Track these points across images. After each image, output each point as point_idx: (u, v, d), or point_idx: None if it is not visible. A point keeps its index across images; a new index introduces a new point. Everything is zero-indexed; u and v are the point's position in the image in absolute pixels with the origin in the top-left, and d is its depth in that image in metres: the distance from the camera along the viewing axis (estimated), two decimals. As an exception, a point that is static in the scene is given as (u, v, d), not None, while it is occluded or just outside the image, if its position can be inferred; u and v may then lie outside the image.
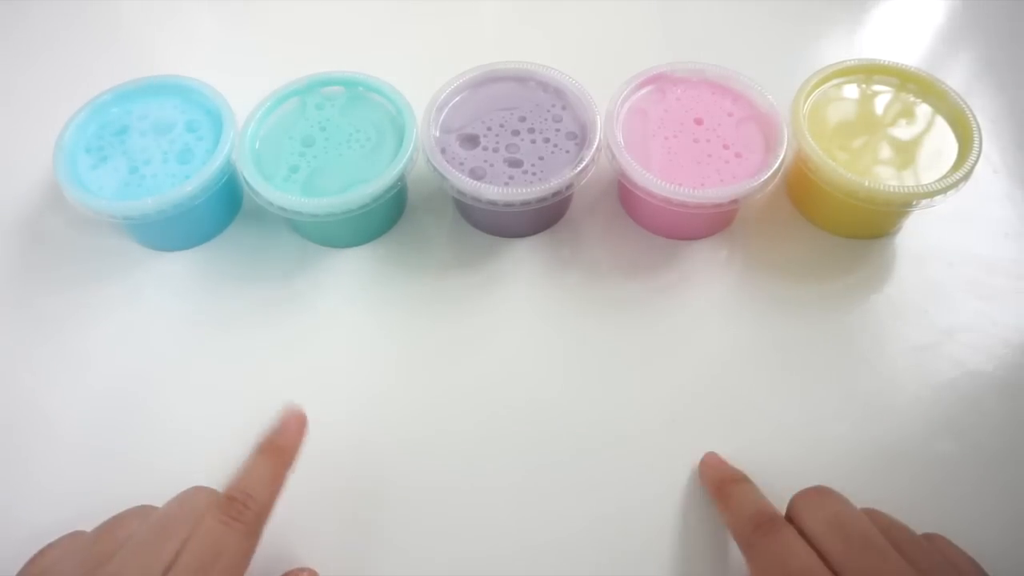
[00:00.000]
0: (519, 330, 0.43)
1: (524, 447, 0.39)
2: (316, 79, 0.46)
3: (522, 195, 0.41)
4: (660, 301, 0.44)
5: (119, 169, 0.44)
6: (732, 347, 0.42)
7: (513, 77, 0.47)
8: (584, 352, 0.42)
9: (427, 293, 0.44)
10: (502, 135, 0.44)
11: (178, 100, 0.47)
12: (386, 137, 0.44)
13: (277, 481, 0.31)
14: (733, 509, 0.33)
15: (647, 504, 0.37)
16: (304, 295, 0.44)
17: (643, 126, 0.45)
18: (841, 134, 0.44)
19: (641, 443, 0.39)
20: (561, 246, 0.46)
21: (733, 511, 0.33)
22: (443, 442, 0.39)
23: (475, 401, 0.40)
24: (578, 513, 0.37)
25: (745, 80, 0.46)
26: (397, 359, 0.42)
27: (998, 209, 0.47)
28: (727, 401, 0.40)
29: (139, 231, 0.45)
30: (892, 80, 0.46)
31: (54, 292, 0.44)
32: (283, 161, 0.44)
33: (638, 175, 0.42)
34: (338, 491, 0.38)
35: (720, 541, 0.36)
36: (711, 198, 0.41)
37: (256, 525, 0.30)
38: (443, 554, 0.36)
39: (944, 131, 0.44)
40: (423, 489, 0.38)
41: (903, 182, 0.42)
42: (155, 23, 0.59)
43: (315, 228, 0.45)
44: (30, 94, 0.54)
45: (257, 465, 0.31)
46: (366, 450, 0.39)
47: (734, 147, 0.44)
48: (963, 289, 0.44)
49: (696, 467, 0.38)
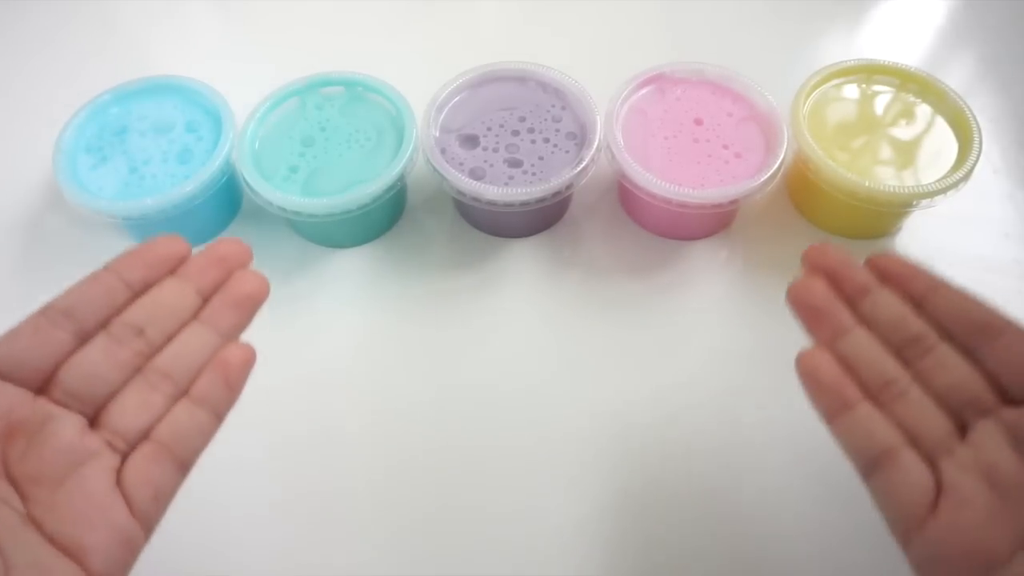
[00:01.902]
0: (519, 330, 0.43)
1: (524, 446, 0.39)
2: (316, 79, 0.46)
3: (522, 195, 0.41)
4: (660, 301, 0.44)
5: (119, 169, 0.44)
6: (732, 347, 0.42)
7: (513, 77, 0.47)
8: (584, 352, 0.42)
9: (427, 293, 0.44)
10: (502, 135, 0.44)
11: (178, 100, 0.47)
12: (386, 137, 0.44)
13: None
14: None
15: (647, 503, 0.37)
16: (304, 295, 0.44)
17: (643, 126, 0.45)
18: (841, 134, 0.44)
19: (641, 442, 0.39)
20: (561, 246, 0.46)
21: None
22: (443, 441, 0.39)
23: (475, 400, 0.40)
24: (578, 511, 0.37)
25: (745, 80, 0.46)
26: (397, 359, 0.42)
27: (998, 209, 0.47)
28: (727, 401, 0.40)
29: (139, 231, 0.45)
30: (892, 80, 0.46)
31: (54, 292, 0.44)
32: (283, 161, 0.44)
33: (638, 175, 0.42)
34: (338, 490, 0.38)
35: (719, 540, 0.36)
36: (711, 198, 0.41)
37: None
38: (443, 553, 0.36)
39: (944, 131, 0.44)
40: (423, 488, 0.38)
41: (903, 182, 0.42)
42: (155, 23, 0.59)
43: (315, 228, 0.45)
44: (30, 94, 0.54)
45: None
46: (366, 450, 0.39)
47: (734, 147, 0.44)
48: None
49: (695, 466, 0.38)
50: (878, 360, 0.30)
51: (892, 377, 0.29)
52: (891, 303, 0.30)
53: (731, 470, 0.38)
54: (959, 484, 0.26)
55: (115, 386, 0.28)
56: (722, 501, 0.37)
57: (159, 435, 0.27)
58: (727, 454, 0.38)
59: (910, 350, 0.30)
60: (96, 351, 0.28)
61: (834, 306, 0.31)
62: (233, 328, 0.30)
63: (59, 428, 0.26)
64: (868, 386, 0.29)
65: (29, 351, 0.27)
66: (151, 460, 0.27)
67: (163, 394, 0.28)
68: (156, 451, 0.27)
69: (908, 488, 0.27)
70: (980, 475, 0.26)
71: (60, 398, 0.27)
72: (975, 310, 0.29)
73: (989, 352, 0.28)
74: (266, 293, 0.30)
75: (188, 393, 0.28)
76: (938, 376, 0.29)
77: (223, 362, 0.29)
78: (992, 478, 0.26)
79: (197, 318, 0.29)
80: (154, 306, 0.29)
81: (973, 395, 0.28)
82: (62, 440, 0.26)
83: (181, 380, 0.28)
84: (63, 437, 0.26)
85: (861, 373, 0.29)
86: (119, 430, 0.27)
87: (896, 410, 0.29)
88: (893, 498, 0.27)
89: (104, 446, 0.26)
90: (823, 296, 0.31)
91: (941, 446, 0.27)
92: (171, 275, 0.30)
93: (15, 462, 0.25)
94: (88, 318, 0.28)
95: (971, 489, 0.26)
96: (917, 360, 0.29)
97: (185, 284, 0.29)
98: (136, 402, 0.27)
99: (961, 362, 0.29)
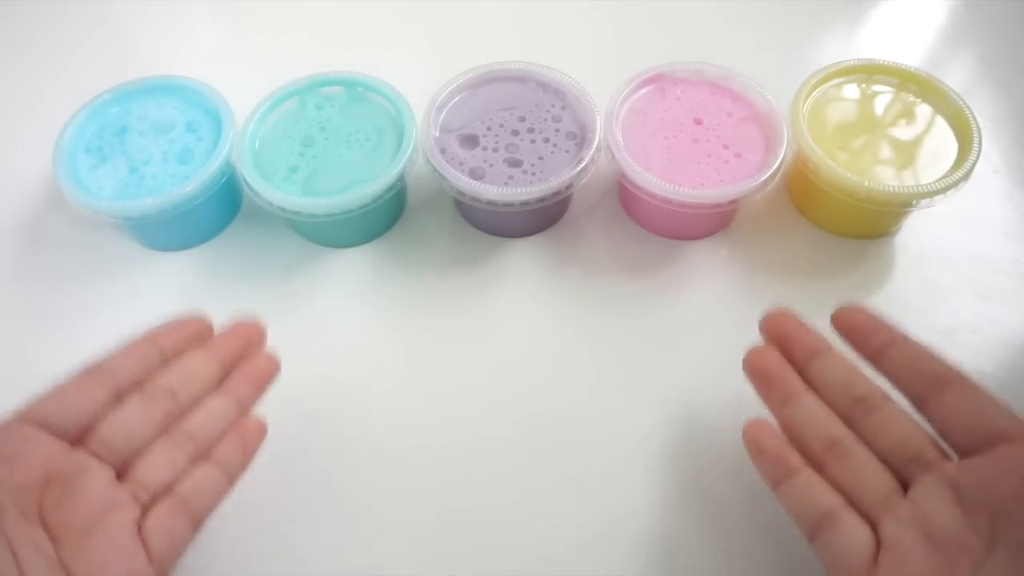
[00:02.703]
0: (519, 330, 0.43)
1: (524, 445, 0.39)
2: (316, 79, 0.46)
3: (522, 195, 0.41)
4: (660, 301, 0.44)
5: (119, 169, 0.44)
6: (732, 346, 0.42)
7: (513, 77, 0.47)
8: (584, 351, 0.42)
9: (427, 293, 0.44)
10: (502, 135, 0.44)
11: (178, 100, 0.47)
12: (386, 137, 0.44)
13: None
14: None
15: (647, 503, 0.37)
16: (304, 295, 0.44)
17: (643, 126, 0.45)
18: (841, 134, 0.44)
19: (641, 442, 0.39)
20: (561, 246, 0.46)
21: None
22: (443, 441, 0.39)
23: (475, 401, 0.40)
24: (577, 511, 0.37)
25: (745, 80, 0.46)
26: (397, 359, 0.42)
27: (998, 209, 0.47)
28: (727, 400, 0.40)
29: (139, 231, 0.45)
30: (892, 80, 0.46)
31: (54, 292, 0.44)
32: (283, 161, 0.44)
33: (638, 175, 0.42)
34: (338, 490, 0.38)
35: (719, 539, 0.36)
36: (711, 198, 0.41)
37: None
38: (443, 552, 0.36)
39: (944, 131, 0.44)
40: (423, 488, 0.38)
41: (903, 182, 0.42)
42: (155, 23, 0.59)
43: (315, 228, 0.45)
44: (30, 94, 0.54)
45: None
46: (366, 449, 0.39)
47: (734, 147, 0.44)
48: (963, 289, 0.44)
49: (694, 467, 0.38)
50: (824, 422, 0.31)
51: (837, 437, 0.30)
52: (839, 365, 0.32)
53: (730, 470, 0.38)
54: (898, 540, 0.27)
55: (146, 441, 0.31)
56: (722, 500, 0.37)
57: (180, 491, 0.30)
58: (727, 453, 0.38)
59: (856, 409, 0.31)
60: (133, 408, 0.31)
61: (784, 373, 0.33)
62: (249, 399, 0.34)
63: (92, 479, 0.29)
64: (813, 448, 0.31)
65: (72, 406, 0.30)
66: (171, 513, 0.30)
67: (187, 453, 0.31)
68: (176, 505, 0.30)
69: (849, 548, 0.28)
70: (918, 530, 0.27)
71: (95, 449, 0.30)
72: (927, 363, 0.30)
73: (937, 405, 0.29)
74: (277, 371, 0.35)
75: (208, 456, 0.31)
76: (883, 434, 0.30)
77: (243, 431, 0.33)
78: (930, 532, 0.27)
79: (220, 388, 0.33)
80: (184, 372, 0.32)
81: (916, 451, 0.29)
82: (94, 492, 0.29)
83: (203, 442, 0.32)
84: (95, 489, 0.29)
85: (807, 435, 0.31)
86: (145, 483, 0.30)
87: (840, 470, 0.30)
88: (835, 558, 0.28)
89: (130, 497, 0.29)
90: (775, 364, 0.33)
91: (883, 504, 0.29)
92: (199, 347, 0.34)
93: (49, 509, 0.28)
94: (125, 378, 0.32)
95: (910, 544, 0.27)
96: (863, 419, 0.31)
97: (210, 356, 0.33)
98: (164, 459, 0.31)
99: (906, 419, 0.30)
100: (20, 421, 0.30)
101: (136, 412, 0.31)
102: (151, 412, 0.31)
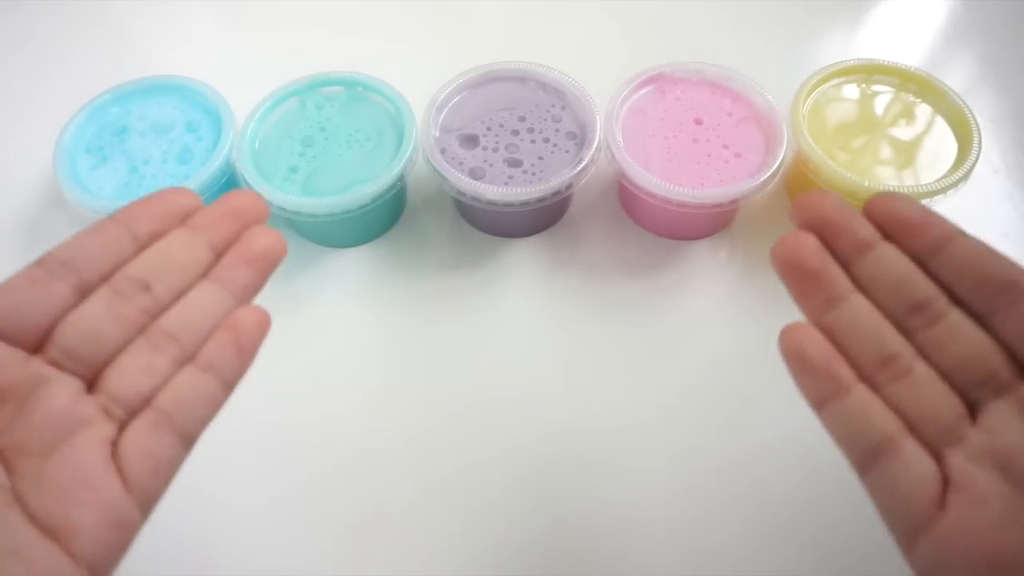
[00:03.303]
0: (519, 330, 0.43)
1: (524, 445, 0.39)
2: (316, 79, 0.46)
3: (522, 195, 0.41)
4: (660, 301, 0.44)
5: (119, 169, 0.44)
6: (732, 347, 0.42)
7: (513, 77, 0.47)
8: (584, 352, 0.42)
9: (427, 293, 0.44)
10: (502, 135, 0.44)
11: (178, 100, 0.47)
12: (386, 137, 0.44)
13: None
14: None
15: (647, 502, 0.37)
16: (304, 295, 0.44)
17: (643, 126, 0.45)
18: (841, 134, 0.44)
19: (641, 442, 0.39)
20: (561, 246, 0.46)
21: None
22: (443, 441, 0.39)
23: (474, 401, 0.40)
24: (577, 511, 0.37)
25: (745, 80, 0.46)
26: (397, 359, 0.42)
27: (998, 209, 0.47)
28: (727, 400, 0.40)
29: (139, 231, 0.45)
30: (892, 80, 0.46)
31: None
32: (283, 161, 0.44)
33: (638, 175, 0.42)
34: (337, 490, 0.38)
35: (718, 538, 0.36)
36: (711, 198, 0.41)
37: None
38: (443, 551, 0.36)
39: (944, 131, 0.44)
40: (422, 487, 0.38)
41: (903, 182, 0.42)
42: (155, 23, 0.59)
43: (315, 228, 0.45)
44: (30, 94, 0.54)
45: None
46: (366, 449, 0.39)
47: (734, 147, 0.44)
48: (963, 289, 0.44)
49: (694, 466, 0.38)
50: (878, 332, 0.25)
51: (894, 352, 0.25)
52: (895, 261, 0.26)
53: (731, 470, 0.38)
54: (971, 477, 0.23)
55: (117, 346, 0.25)
56: (722, 501, 0.37)
57: (162, 402, 0.24)
58: (727, 453, 0.38)
59: (916, 318, 0.25)
60: (98, 306, 0.25)
61: (827, 268, 0.27)
62: (247, 288, 0.27)
63: (52, 392, 0.23)
64: (865, 364, 0.25)
65: (24, 306, 0.24)
66: (152, 430, 0.24)
67: (168, 357, 0.25)
68: (157, 420, 0.24)
69: (912, 483, 0.23)
70: (995, 466, 0.23)
71: (56, 358, 0.24)
72: (995, 266, 0.25)
73: (1009, 317, 0.24)
74: (283, 251, 0.28)
75: (195, 358, 0.25)
76: (948, 349, 0.25)
77: (235, 325, 0.26)
78: (1009, 469, 0.22)
79: (208, 275, 0.27)
80: (162, 259, 0.26)
81: (988, 371, 0.24)
82: (54, 406, 0.23)
83: (188, 343, 0.25)
84: (55, 402, 0.23)
85: (858, 348, 0.25)
86: (118, 395, 0.24)
87: (898, 392, 0.25)
88: (894, 495, 0.23)
89: (100, 413, 0.24)
90: (814, 255, 0.27)
91: (950, 433, 0.24)
92: (181, 226, 0.27)
93: (2, 430, 0.23)
94: (90, 270, 0.25)
95: (985, 483, 0.22)
96: (924, 330, 0.25)
97: (195, 237, 0.26)
98: (138, 365, 0.25)
99: (976, 331, 0.25)
100: None
101: (102, 310, 0.25)
102: (121, 310, 0.25)
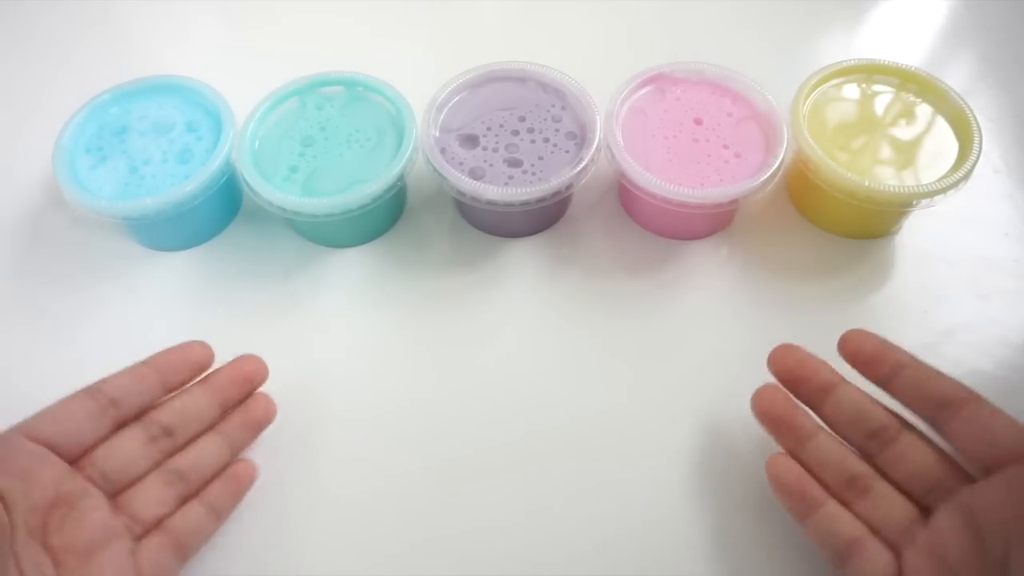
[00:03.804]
0: (519, 330, 0.43)
1: (523, 445, 0.39)
2: (316, 79, 0.46)
3: (522, 195, 0.41)
4: (660, 301, 0.44)
5: (119, 169, 0.44)
6: (732, 347, 0.42)
7: (513, 77, 0.47)
8: (584, 351, 0.42)
9: (427, 293, 0.44)
10: (502, 135, 0.44)
11: (178, 100, 0.47)
12: (386, 137, 0.44)
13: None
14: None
15: (646, 502, 0.37)
16: (304, 295, 0.44)
17: (643, 126, 0.45)
18: (841, 134, 0.44)
19: (640, 442, 0.39)
20: (561, 246, 0.46)
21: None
22: (443, 441, 0.39)
23: (475, 401, 0.40)
24: (577, 511, 0.37)
25: (745, 80, 0.46)
26: (396, 358, 0.42)
27: (998, 209, 0.47)
28: (727, 400, 0.40)
29: (139, 231, 0.45)
30: (892, 80, 0.46)
31: (54, 292, 0.44)
32: (283, 161, 0.44)
33: (638, 175, 0.42)
34: (338, 489, 0.38)
35: (718, 538, 0.36)
36: (711, 198, 0.41)
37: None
38: (443, 551, 0.36)
39: (944, 131, 0.44)
40: (423, 487, 0.38)
41: (903, 182, 0.42)
42: (154, 23, 0.59)
43: (315, 228, 0.45)
44: (30, 94, 0.54)
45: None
46: (366, 449, 0.39)
47: (734, 147, 0.44)
48: (963, 289, 0.44)
49: (694, 466, 0.38)
50: (840, 459, 0.31)
51: (855, 473, 0.31)
52: (852, 398, 0.32)
53: (730, 469, 0.38)
54: (916, 569, 0.28)
55: (139, 475, 0.32)
56: (721, 500, 0.37)
57: (171, 528, 0.32)
58: (726, 453, 0.38)
59: (873, 443, 0.31)
60: (133, 443, 0.32)
61: (793, 414, 0.33)
62: (242, 444, 0.35)
63: (93, 505, 0.30)
64: (834, 485, 0.31)
65: (81, 432, 0.31)
66: (161, 548, 0.31)
67: (176, 492, 0.33)
68: (166, 541, 0.31)
69: (874, 573, 0.29)
70: (936, 560, 0.28)
71: (92, 475, 0.31)
72: (937, 386, 0.31)
73: (951, 428, 0.30)
74: (273, 416, 0.36)
75: (200, 496, 0.33)
76: (901, 465, 0.31)
77: (235, 476, 0.34)
78: (946, 561, 0.27)
79: (215, 429, 0.35)
80: (184, 412, 0.34)
81: (935, 480, 0.30)
82: (96, 518, 0.30)
83: (193, 483, 0.33)
84: (97, 515, 0.30)
85: (827, 473, 0.31)
86: (138, 517, 0.32)
87: (861, 506, 0.30)
88: None
89: (125, 528, 0.31)
90: (783, 406, 0.33)
91: (905, 534, 0.29)
92: (202, 384, 0.35)
93: (53, 531, 0.29)
94: (130, 408, 0.33)
95: (928, 574, 0.28)
96: (881, 452, 0.31)
97: (212, 397, 0.35)
98: (156, 496, 0.32)
99: (923, 448, 0.31)
100: (24, 436, 0.30)
101: (135, 446, 0.32)
102: (149, 449, 0.33)
